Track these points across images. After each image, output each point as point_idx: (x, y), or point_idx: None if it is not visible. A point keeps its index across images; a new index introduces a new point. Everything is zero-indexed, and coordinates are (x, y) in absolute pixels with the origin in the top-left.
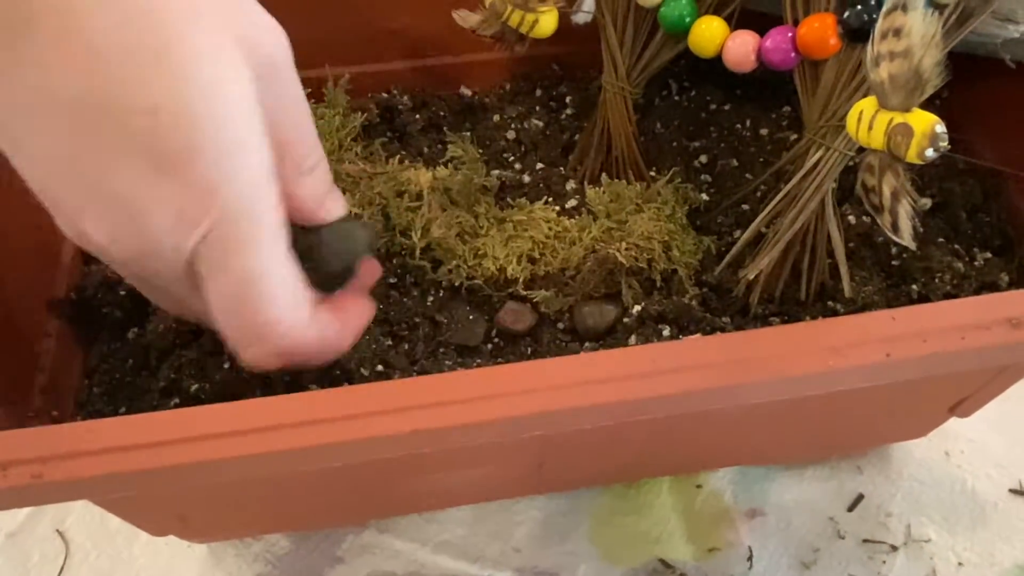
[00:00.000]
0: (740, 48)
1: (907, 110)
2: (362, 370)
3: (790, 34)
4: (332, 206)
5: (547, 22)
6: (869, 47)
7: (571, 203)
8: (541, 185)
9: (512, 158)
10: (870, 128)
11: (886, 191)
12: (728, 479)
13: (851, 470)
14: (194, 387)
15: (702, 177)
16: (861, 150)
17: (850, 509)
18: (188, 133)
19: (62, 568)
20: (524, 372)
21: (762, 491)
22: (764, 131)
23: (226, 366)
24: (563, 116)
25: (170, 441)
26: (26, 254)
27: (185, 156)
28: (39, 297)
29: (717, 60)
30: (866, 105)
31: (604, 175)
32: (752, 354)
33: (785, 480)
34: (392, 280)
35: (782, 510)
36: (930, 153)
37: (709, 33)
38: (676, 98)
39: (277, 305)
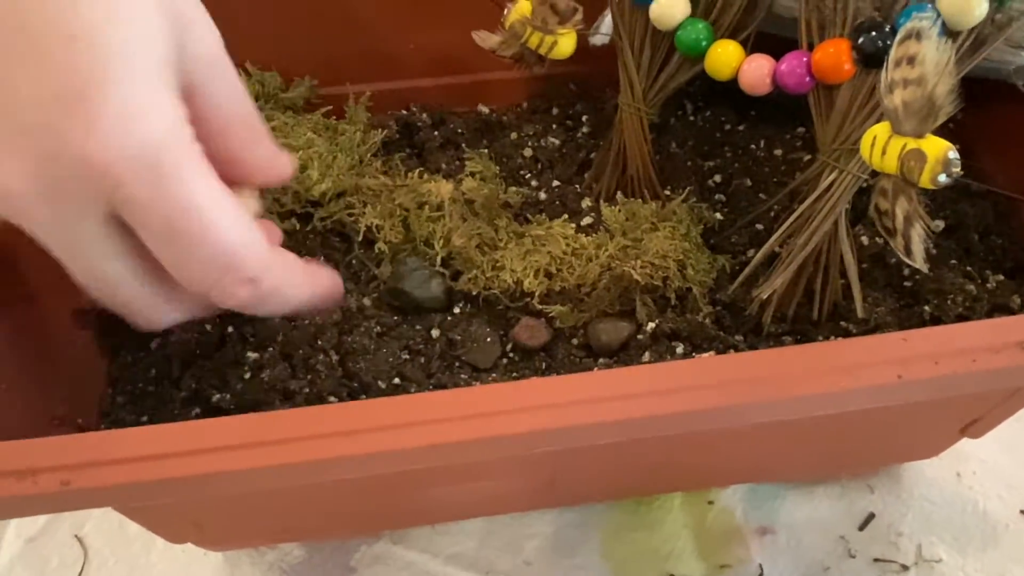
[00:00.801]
0: (756, 72)
1: (920, 136)
2: (379, 382)
3: (805, 59)
4: (286, 162)
5: (566, 44)
6: (883, 74)
7: (586, 220)
8: (557, 202)
9: (529, 175)
10: (883, 153)
11: (899, 215)
12: (739, 496)
13: (862, 489)
14: (215, 397)
15: (716, 196)
16: (875, 173)
17: (861, 528)
18: (104, 63)
19: (80, 573)
20: (539, 388)
21: (773, 509)
22: (778, 151)
23: (247, 376)
24: (579, 135)
25: (195, 451)
26: (52, 265)
27: (99, 87)
28: (65, 307)
29: (732, 81)
30: (880, 130)
31: (620, 193)
32: (764, 374)
33: (796, 498)
34: None
35: (793, 528)
36: (943, 179)
37: (725, 57)
38: (691, 118)
39: (224, 227)
